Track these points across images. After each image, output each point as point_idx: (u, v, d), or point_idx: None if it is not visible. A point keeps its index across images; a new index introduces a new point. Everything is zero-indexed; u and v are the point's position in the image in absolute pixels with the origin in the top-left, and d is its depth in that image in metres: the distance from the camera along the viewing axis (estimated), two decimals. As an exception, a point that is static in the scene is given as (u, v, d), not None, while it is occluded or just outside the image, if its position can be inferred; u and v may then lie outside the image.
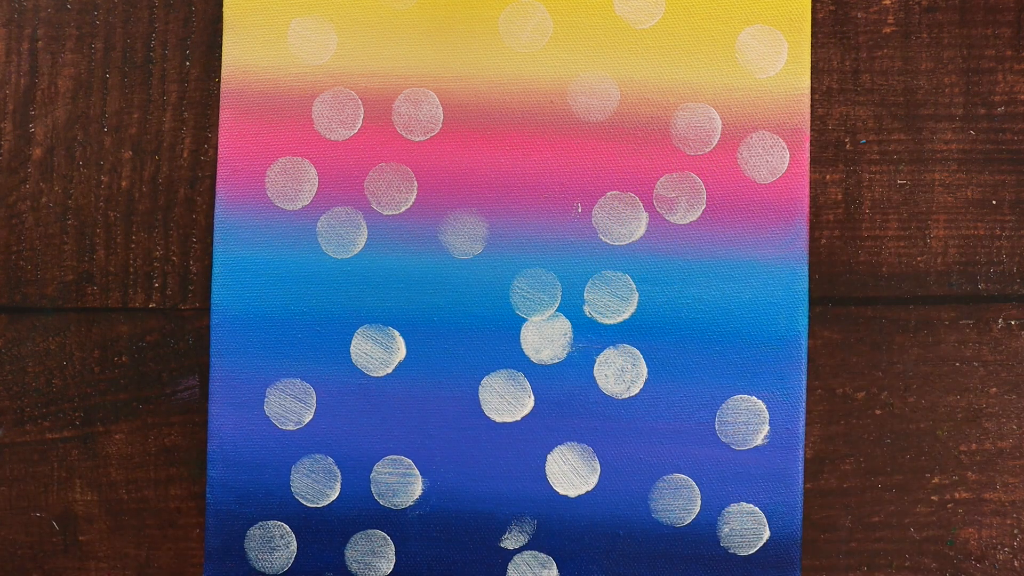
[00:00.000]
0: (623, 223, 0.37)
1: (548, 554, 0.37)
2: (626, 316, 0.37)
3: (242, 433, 0.37)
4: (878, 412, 0.37)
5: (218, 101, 0.37)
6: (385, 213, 0.37)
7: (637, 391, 0.37)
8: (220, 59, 0.38)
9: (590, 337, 0.37)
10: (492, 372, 0.37)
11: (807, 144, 0.37)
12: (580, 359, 0.37)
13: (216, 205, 0.37)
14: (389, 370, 0.37)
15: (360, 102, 0.37)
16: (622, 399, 0.37)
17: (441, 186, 0.37)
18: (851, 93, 0.38)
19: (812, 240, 0.37)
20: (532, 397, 0.37)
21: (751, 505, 0.36)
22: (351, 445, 0.37)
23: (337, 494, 0.37)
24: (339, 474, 0.37)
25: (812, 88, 0.37)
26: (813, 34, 0.38)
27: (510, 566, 0.37)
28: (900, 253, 0.37)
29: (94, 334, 0.38)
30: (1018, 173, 0.38)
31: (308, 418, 0.37)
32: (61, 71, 0.38)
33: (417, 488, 0.37)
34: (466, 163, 0.37)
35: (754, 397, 0.36)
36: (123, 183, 0.38)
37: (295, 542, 0.37)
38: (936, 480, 0.37)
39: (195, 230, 0.38)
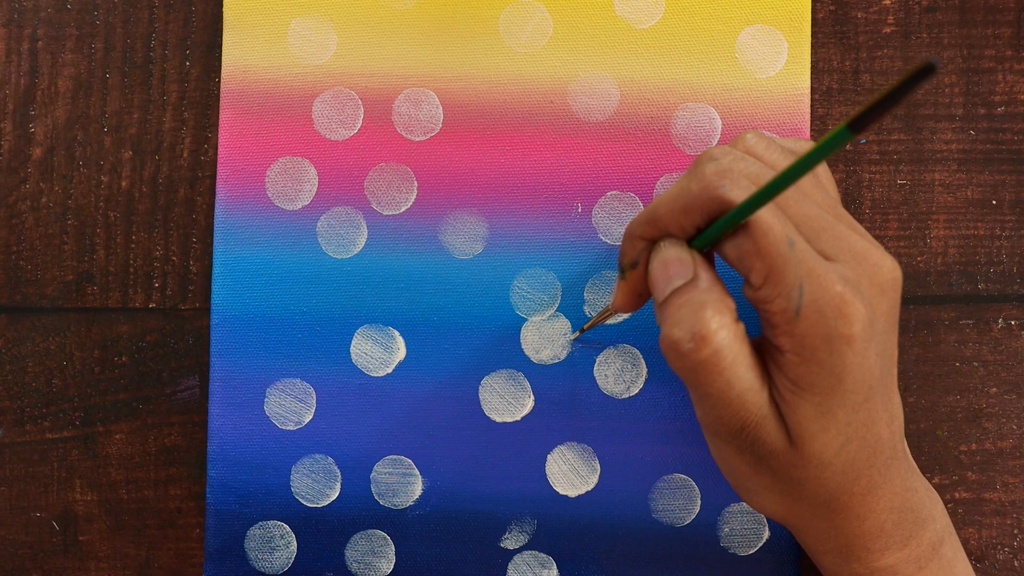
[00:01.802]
0: (623, 223, 0.37)
1: (548, 554, 0.37)
2: (626, 316, 0.37)
3: (242, 433, 0.37)
4: (878, 412, 0.37)
5: (218, 101, 0.37)
6: (385, 213, 0.37)
7: (637, 391, 0.37)
8: (220, 59, 0.38)
9: (590, 337, 0.37)
10: (492, 372, 0.37)
11: (807, 144, 0.37)
12: (580, 359, 0.37)
13: (216, 205, 0.37)
14: (389, 370, 0.37)
15: (360, 102, 0.37)
16: (622, 399, 0.37)
17: (441, 186, 0.37)
18: (851, 93, 0.38)
19: (812, 240, 0.37)
20: (532, 397, 0.37)
21: (751, 505, 0.36)
22: (351, 445, 0.37)
23: (337, 494, 0.37)
24: (339, 474, 0.37)
25: (812, 88, 0.37)
26: (813, 34, 0.38)
27: (510, 566, 0.37)
28: (900, 253, 0.37)
29: (94, 334, 0.38)
30: (1018, 173, 0.38)
31: (308, 418, 0.37)
32: (61, 71, 0.38)
33: (417, 488, 0.37)
34: (466, 163, 0.37)
35: (754, 397, 0.36)
36: (123, 183, 0.38)
37: (295, 542, 0.37)
38: (936, 480, 0.37)
39: (195, 230, 0.38)
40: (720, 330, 0.28)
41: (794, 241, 0.28)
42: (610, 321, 0.37)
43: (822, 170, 0.32)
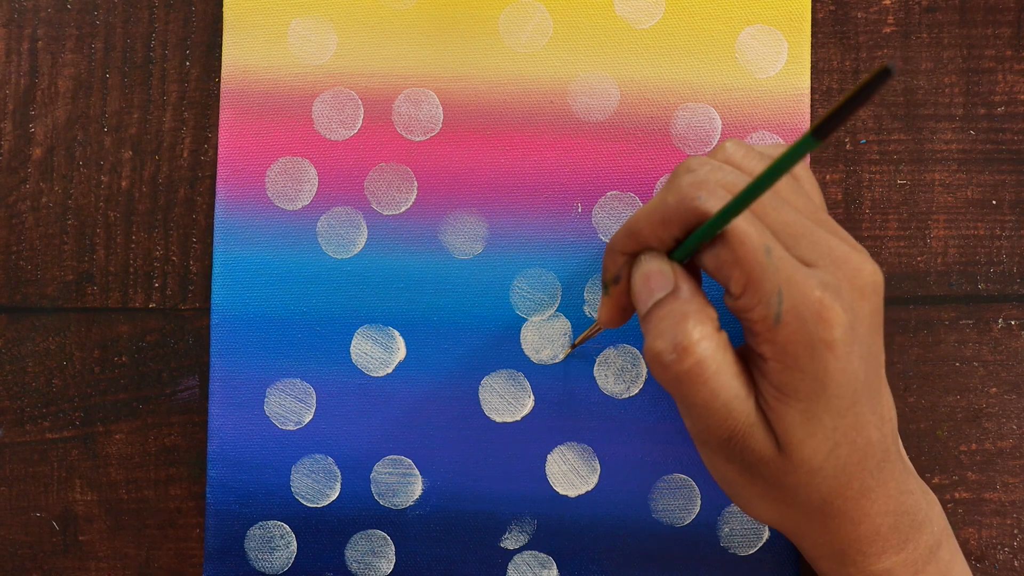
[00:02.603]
0: (623, 223, 0.37)
1: (548, 554, 0.37)
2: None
3: (242, 433, 0.37)
4: (878, 412, 0.37)
5: (218, 101, 0.37)
6: (385, 213, 0.37)
7: (637, 391, 0.37)
8: (220, 59, 0.38)
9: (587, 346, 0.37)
10: (492, 372, 0.37)
11: (807, 144, 0.37)
12: (580, 359, 0.37)
13: (216, 205, 0.37)
14: (389, 370, 0.37)
15: (360, 102, 0.37)
16: (622, 399, 0.37)
17: (441, 186, 0.37)
18: (851, 93, 0.38)
19: (812, 240, 0.37)
20: (532, 397, 0.37)
21: (751, 505, 0.36)
22: (351, 445, 0.37)
23: (337, 494, 0.37)
24: (339, 474, 0.37)
25: (812, 88, 0.37)
26: (813, 34, 0.38)
27: (510, 566, 0.37)
28: (900, 253, 0.37)
29: (94, 334, 0.38)
30: (1018, 173, 0.38)
31: (308, 418, 0.37)
32: (61, 71, 0.38)
33: (417, 488, 0.37)
34: (466, 163, 0.37)
35: (754, 397, 0.36)
36: (123, 183, 0.38)
37: (295, 542, 0.37)
38: (936, 480, 0.37)
39: (195, 230, 0.38)
40: (702, 340, 0.28)
41: (771, 248, 0.28)
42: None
43: (804, 175, 0.32)
